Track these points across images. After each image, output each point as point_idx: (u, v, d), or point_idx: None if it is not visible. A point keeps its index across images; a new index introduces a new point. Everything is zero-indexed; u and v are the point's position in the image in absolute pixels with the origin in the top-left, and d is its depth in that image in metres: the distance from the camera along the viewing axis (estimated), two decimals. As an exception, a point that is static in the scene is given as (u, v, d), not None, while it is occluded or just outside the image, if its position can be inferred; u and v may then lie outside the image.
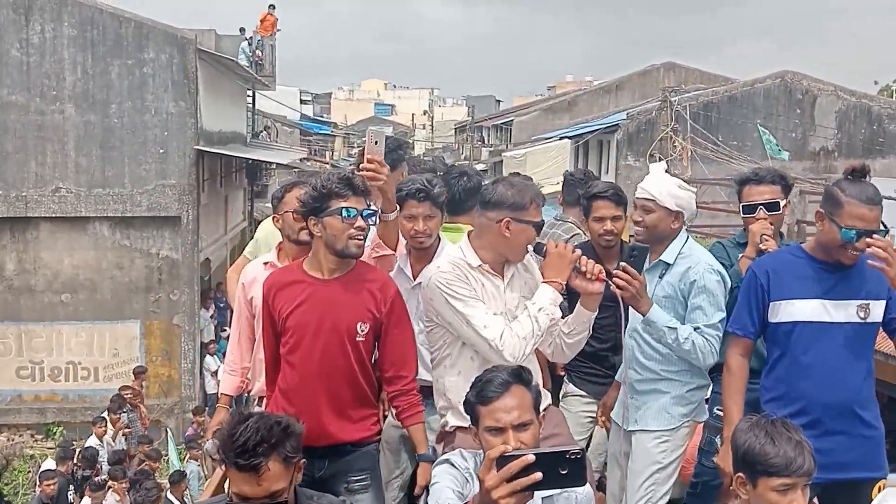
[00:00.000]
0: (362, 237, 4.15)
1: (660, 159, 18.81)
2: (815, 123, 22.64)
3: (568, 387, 5.71)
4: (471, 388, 3.44)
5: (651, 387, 4.74)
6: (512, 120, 41.99)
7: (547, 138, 31.83)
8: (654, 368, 4.72)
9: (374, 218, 4.24)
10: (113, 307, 19.11)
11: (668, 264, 4.69)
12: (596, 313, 4.23)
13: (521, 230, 4.08)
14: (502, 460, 2.81)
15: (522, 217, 4.07)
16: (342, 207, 4.09)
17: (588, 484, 3.07)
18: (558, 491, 3.26)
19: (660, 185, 4.67)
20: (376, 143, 4.36)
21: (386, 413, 5.04)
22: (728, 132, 21.16)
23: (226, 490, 3.62)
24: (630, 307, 4.52)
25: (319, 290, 4.21)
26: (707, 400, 5.03)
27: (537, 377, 4.27)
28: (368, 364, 4.32)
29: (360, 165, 4.41)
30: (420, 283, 4.78)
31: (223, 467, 3.50)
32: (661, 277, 4.70)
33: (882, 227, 4.20)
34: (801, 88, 22.81)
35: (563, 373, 5.75)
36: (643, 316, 4.55)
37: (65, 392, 19.02)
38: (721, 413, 4.86)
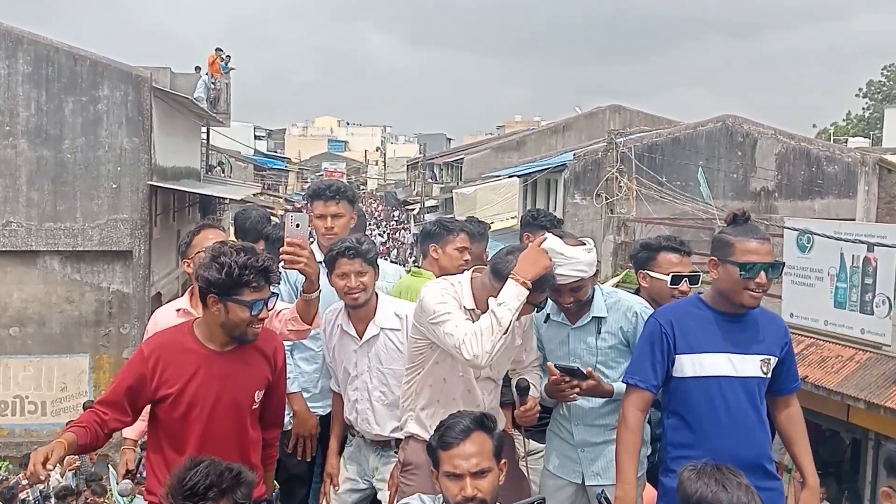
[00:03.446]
0: (261, 325, 4.04)
1: (606, 199, 19.22)
2: (756, 165, 22.71)
3: (530, 444, 5.29)
4: (434, 431, 3.55)
5: (608, 437, 4.64)
6: (462, 158, 42.08)
7: (496, 176, 32.01)
8: (609, 421, 4.68)
9: (274, 300, 4.09)
10: (62, 341, 19.05)
11: (603, 318, 4.68)
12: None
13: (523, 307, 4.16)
14: None
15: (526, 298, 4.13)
16: (254, 301, 3.91)
17: None
18: None
19: (581, 263, 4.48)
20: (297, 226, 4.34)
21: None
22: (672, 173, 21.18)
23: None
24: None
25: (215, 364, 4.01)
26: None
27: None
28: (258, 424, 4.26)
29: (281, 249, 4.37)
30: (368, 339, 4.93)
31: None
32: (598, 332, 4.68)
33: (779, 262, 4.21)
34: (742, 132, 22.89)
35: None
36: (609, 397, 4.57)
37: (11, 426, 18.87)
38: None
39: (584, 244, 4.60)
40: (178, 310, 5.02)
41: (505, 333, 4.04)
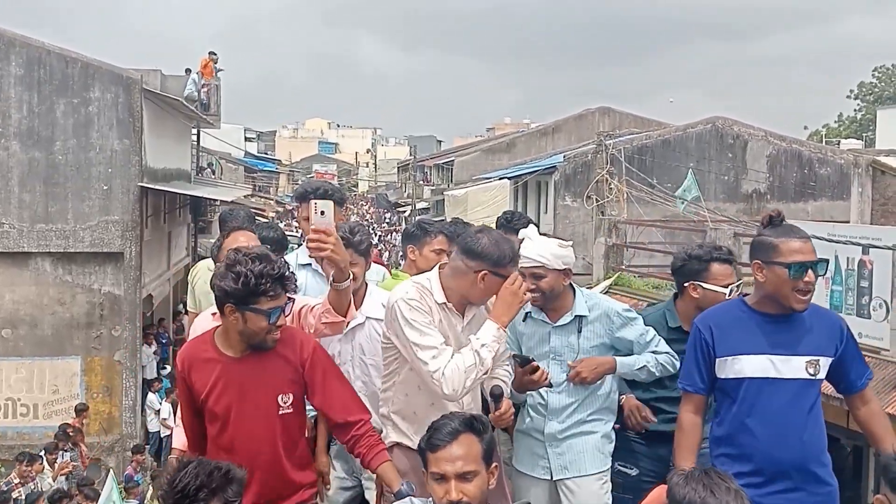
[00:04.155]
0: (279, 332, 4.02)
1: (596, 201, 19.19)
2: (747, 167, 22.61)
3: None
4: (425, 432, 3.54)
5: (576, 431, 4.81)
6: (453, 160, 42.15)
7: (487, 178, 32.09)
8: (579, 415, 4.82)
9: (290, 305, 4.10)
10: (54, 343, 18.99)
11: (584, 316, 4.81)
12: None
13: (496, 283, 4.19)
14: None
15: (499, 272, 4.18)
16: (271, 309, 3.92)
17: None
18: None
19: (544, 249, 4.73)
20: (322, 213, 4.22)
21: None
22: (662, 175, 21.15)
23: None
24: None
25: (232, 371, 4.05)
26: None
27: None
28: (299, 430, 4.25)
29: (308, 238, 4.34)
30: (353, 327, 4.92)
31: None
32: (579, 331, 4.81)
33: (823, 259, 4.22)
34: (732, 133, 22.93)
35: None
36: (615, 373, 4.74)
37: (3, 429, 18.79)
38: (624, 469, 5.08)
39: (562, 240, 4.85)
40: (213, 314, 4.94)
41: (485, 373, 4.15)
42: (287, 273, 3.98)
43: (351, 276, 4.42)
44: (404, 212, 54.29)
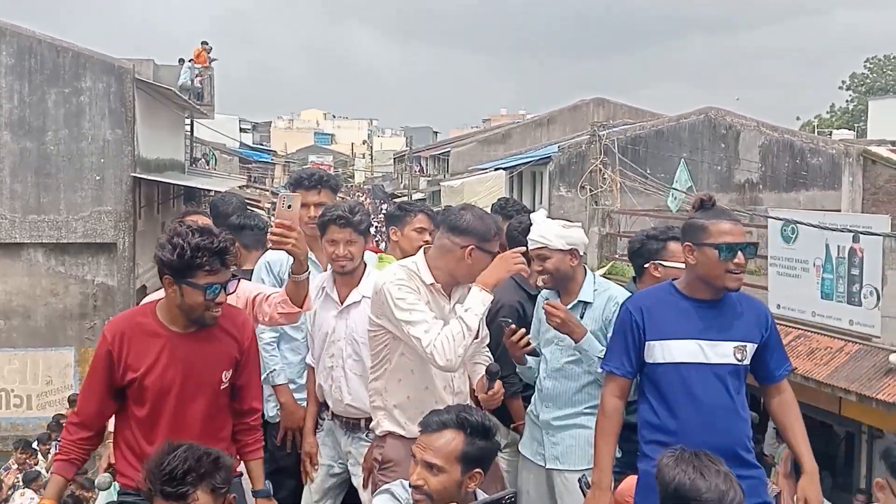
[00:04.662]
0: (220, 309, 3.93)
1: (590, 191, 19.21)
2: (740, 157, 22.69)
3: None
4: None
5: (571, 422, 4.82)
6: (449, 151, 42.07)
7: (483, 169, 32.09)
8: (575, 406, 4.83)
9: (234, 284, 4.00)
10: (47, 334, 19.02)
11: (588, 303, 4.84)
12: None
13: (482, 258, 4.25)
14: None
15: (485, 247, 4.26)
16: (208, 284, 3.81)
17: None
18: None
19: (546, 230, 4.80)
20: (289, 206, 4.28)
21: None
22: (656, 165, 21.20)
23: None
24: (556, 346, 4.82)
25: (178, 346, 3.93)
26: None
27: None
28: (228, 407, 4.18)
29: (270, 229, 4.34)
30: (348, 305, 4.95)
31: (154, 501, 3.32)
32: (581, 317, 4.81)
33: (753, 242, 4.22)
34: (725, 124, 22.97)
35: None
36: (575, 343, 4.69)
37: (-3, 420, 18.86)
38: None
39: (567, 221, 4.95)
40: None
41: (475, 338, 4.15)
42: (229, 248, 3.87)
43: (308, 270, 4.43)
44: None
